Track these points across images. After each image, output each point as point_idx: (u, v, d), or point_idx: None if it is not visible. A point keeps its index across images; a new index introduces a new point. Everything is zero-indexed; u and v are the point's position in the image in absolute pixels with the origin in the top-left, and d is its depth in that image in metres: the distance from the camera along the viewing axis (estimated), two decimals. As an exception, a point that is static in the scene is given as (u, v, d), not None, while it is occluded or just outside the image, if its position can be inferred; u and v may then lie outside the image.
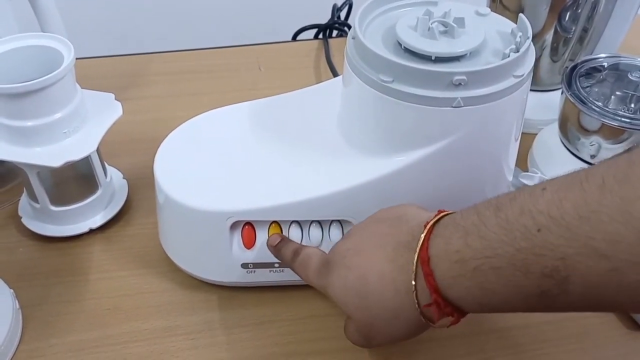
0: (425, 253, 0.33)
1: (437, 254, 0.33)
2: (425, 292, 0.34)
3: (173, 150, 0.49)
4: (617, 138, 0.52)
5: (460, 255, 0.32)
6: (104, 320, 0.47)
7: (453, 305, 0.33)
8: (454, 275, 0.32)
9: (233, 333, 0.47)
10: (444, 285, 0.33)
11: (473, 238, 0.32)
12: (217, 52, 0.78)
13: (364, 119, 0.44)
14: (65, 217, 0.53)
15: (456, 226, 0.33)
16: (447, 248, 0.33)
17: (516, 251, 0.30)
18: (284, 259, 0.43)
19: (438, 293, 0.33)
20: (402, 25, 0.42)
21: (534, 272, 0.29)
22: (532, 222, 0.29)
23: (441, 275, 0.33)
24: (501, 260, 0.30)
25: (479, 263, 0.31)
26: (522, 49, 0.40)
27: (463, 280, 0.32)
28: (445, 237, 0.33)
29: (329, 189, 0.44)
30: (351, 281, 0.37)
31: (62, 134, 0.48)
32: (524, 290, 0.30)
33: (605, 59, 0.57)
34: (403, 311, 0.35)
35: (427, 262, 0.33)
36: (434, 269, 0.33)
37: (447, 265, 0.33)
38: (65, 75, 0.46)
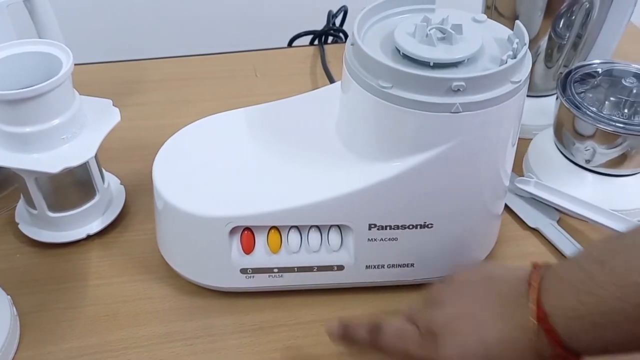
0: (541, 310, 0.34)
1: (554, 312, 0.34)
2: (547, 346, 0.34)
3: (171, 156, 0.49)
4: (611, 143, 0.53)
5: (577, 312, 0.32)
6: (102, 327, 0.47)
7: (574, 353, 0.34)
8: (574, 330, 0.33)
9: (232, 339, 0.47)
10: (566, 339, 0.33)
11: (585, 296, 0.32)
12: (214, 59, 0.78)
13: (362, 125, 0.44)
14: (62, 223, 0.53)
15: (562, 282, 0.34)
16: (562, 306, 0.33)
17: (630, 306, 0.31)
18: (361, 342, 0.42)
19: (562, 347, 0.34)
20: (401, 32, 0.43)
21: None
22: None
23: (562, 331, 0.33)
24: (618, 315, 0.31)
25: (596, 318, 0.32)
26: (519, 55, 0.40)
27: (583, 334, 0.33)
28: (555, 294, 0.34)
29: (328, 195, 0.44)
30: (471, 346, 0.37)
31: (60, 140, 0.48)
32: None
33: (599, 64, 0.58)
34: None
35: (545, 320, 0.34)
36: (554, 325, 0.33)
37: (566, 322, 0.33)
38: (64, 81, 0.46)
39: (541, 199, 0.56)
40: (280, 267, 0.47)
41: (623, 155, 0.53)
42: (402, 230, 0.45)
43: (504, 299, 0.36)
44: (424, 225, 0.45)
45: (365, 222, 0.45)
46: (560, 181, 0.57)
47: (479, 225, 0.48)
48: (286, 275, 0.47)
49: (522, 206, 0.57)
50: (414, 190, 0.43)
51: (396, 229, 0.45)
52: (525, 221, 0.56)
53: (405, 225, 0.45)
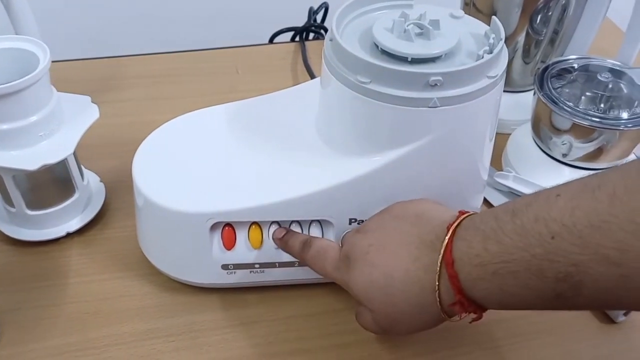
0: (450, 255, 0.35)
1: (460, 257, 0.35)
2: (449, 292, 0.35)
3: (151, 153, 0.49)
4: (587, 137, 0.54)
5: (480, 259, 0.33)
6: (83, 324, 0.47)
7: (475, 303, 0.35)
8: (475, 277, 0.34)
9: (215, 334, 0.47)
10: (467, 286, 0.34)
11: (491, 243, 0.33)
12: (195, 55, 0.78)
13: (341, 120, 0.44)
14: (41, 221, 0.52)
15: (476, 230, 0.35)
16: (469, 251, 0.34)
17: (531, 257, 0.31)
18: (292, 251, 0.44)
19: (462, 294, 0.35)
20: (379, 28, 0.43)
21: (549, 276, 0.31)
22: (546, 229, 0.31)
23: (464, 278, 0.34)
24: (518, 264, 0.32)
25: (497, 267, 0.33)
26: (496, 50, 0.41)
27: (483, 282, 0.34)
28: (467, 240, 0.35)
29: (308, 190, 0.44)
30: (376, 278, 0.38)
31: (38, 137, 0.47)
32: (540, 293, 0.32)
33: (576, 60, 0.59)
34: (427, 306, 0.37)
35: (451, 265, 0.35)
36: (458, 271, 0.34)
37: (469, 269, 0.34)
38: (41, 77, 0.46)
39: (520, 192, 0.57)
40: (262, 263, 0.47)
41: (599, 149, 0.54)
42: (382, 224, 0.45)
43: (421, 239, 0.37)
44: (404, 219, 0.45)
45: (346, 216, 0.45)
46: (538, 175, 0.57)
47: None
48: (267, 270, 0.47)
49: (501, 200, 0.58)
50: (393, 185, 0.44)
51: (376, 223, 0.45)
52: (504, 215, 0.56)
53: (385, 219, 0.45)
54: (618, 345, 0.46)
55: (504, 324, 0.47)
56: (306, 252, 0.43)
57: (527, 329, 0.47)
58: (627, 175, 0.30)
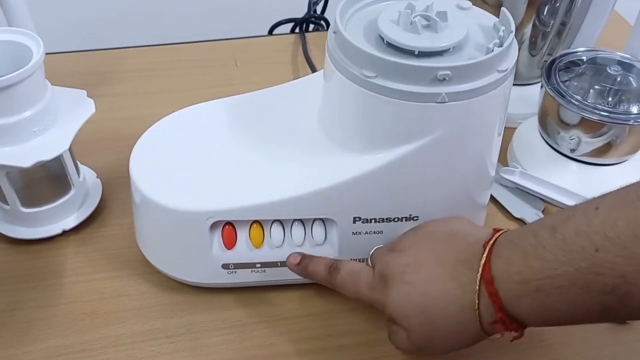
0: (488, 273, 0.35)
1: (499, 275, 0.34)
2: (489, 310, 0.35)
3: (149, 149, 0.48)
4: (596, 132, 0.53)
5: (522, 276, 0.33)
6: (80, 325, 0.46)
7: (517, 322, 0.35)
8: (518, 294, 0.34)
9: (215, 335, 0.46)
10: (509, 304, 0.34)
11: (533, 260, 0.33)
12: (192, 47, 0.77)
13: (346, 116, 0.43)
14: (36, 219, 0.51)
15: (514, 247, 0.34)
16: (509, 269, 0.34)
17: (576, 271, 0.31)
18: (317, 277, 0.44)
19: (504, 312, 0.34)
20: (384, 19, 0.41)
21: (595, 290, 0.31)
22: (589, 242, 0.31)
23: (505, 295, 0.34)
24: (562, 280, 0.32)
25: (540, 283, 0.32)
26: (506, 43, 0.40)
27: (527, 299, 0.33)
28: (505, 258, 0.34)
29: (311, 188, 0.43)
30: (414, 297, 0.37)
31: (32, 132, 0.46)
32: (586, 307, 0.32)
33: (584, 52, 0.58)
34: (466, 327, 0.36)
35: (491, 283, 0.34)
36: (499, 289, 0.34)
37: (510, 286, 0.34)
38: (35, 71, 0.45)
39: (526, 188, 0.56)
40: (263, 262, 0.46)
41: (608, 144, 0.53)
42: (387, 223, 0.44)
43: (458, 258, 0.37)
44: (410, 217, 0.44)
45: (350, 215, 0.44)
46: (545, 171, 0.56)
47: (465, 216, 0.48)
48: (269, 270, 0.46)
49: (507, 196, 0.56)
50: (398, 182, 0.42)
51: (381, 222, 0.44)
52: (510, 211, 0.55)
53: (390, 217, 0.44)
54: (628, 345, 0.45)
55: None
56: (335, 276, 0.42)
57: (535, 330, 0.46)
58: None
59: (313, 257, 0.44)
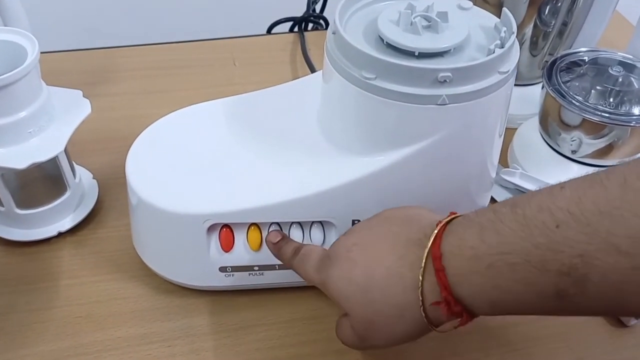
0: (438, 250, 0.33)
1: (450, 250, 0.32)
2: (434, 290, 0.33)
3: (145, 150, 0.47)
4: (598, 133, 0.52)
5: (475, 251, 0.31)
6: (76, 329, 0.45)
7: (463, 304, 0.33)
8: (467, 272, 0.32)
9: (212, 339, 0.45)
10: (456, 282, 0.32)
11: (489, 234, 0.31)
12: (190, 46, 0.76)
13: (345, 117, 0.42)
14: (32, 220, 0.50)
15: (470, 222, 0.33)
16: (461, 244, 0.32)
17: (533, 247, 0.29)
18: (283, 258, 0.42)
19: (448, 290, 0.32)
20: (384, 20, 0.41)
21: (551, 269, 0.29)
22: (550, 218, 0.29)
23: (453, 272, 0.32)
24: (517, 256, 0.30)
25: (493, 259, 0.31)
26: (507, 44, 0.39)
27: (476, 277, 0.31)
28: (459, 233, 0.33)
29: (309, 190, 0.42)
30: (356, 275, 0.36)
31: (27, 133, 0.46)
32: (539, 289, 0.30)
33: (585, 53, 0.57)
34: (408, 309, 0.34)
35: (439, 259, 0.32)
36: (446, 266, 0.32)
37: (460, 262, 0.32)
38: (30, 71, 0.44)
39: (527, 190, 0.55)
40: (261, 265, 0.45)
41: (609, 145, 0.53)
42: (386, 225, 0.44)
43: (409, 237, 0.35)
44: (409, 220, 0.44)
45: (348, 218, 0.43)
46: (545, 172, 0.56)
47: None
48: (267, 273, 0.46)
49: (507, 198, 0.56)
50: (398, 185, 0.42)
51: (380, 225, 0.44)
52: (511, 213, 0.55)
53: (389, 220, 0.44)
54: (630, 350, 0.45)
55: (512, 329, 0.46)
56: (294, 258, 0.41)
57: (537, 334, 0.46)
58: (638, 164, 0.28)
59: (289, 240, 0.43)
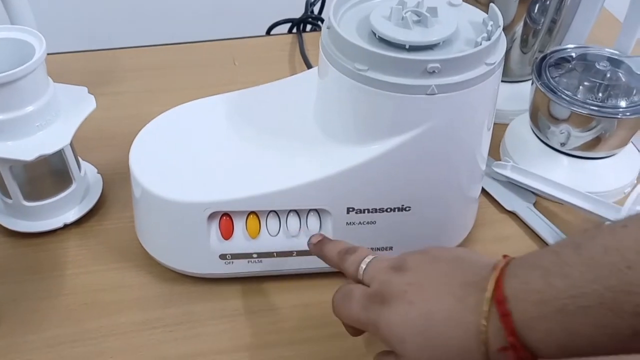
0: (501, 293, 0.31)
1: (514, 295, 0.31)
2: (498, 334, 0.31)
3: (149, 143, 0.49)
4: (586, 126, 0.54)
5: (542, 295, 0.30)
6: (81, 315, 0.47)
7: (529, 349, 0.31)
8: (534, 316, 0.30)
9: (213, 325, 0.47)
10: (522, 327, 0.31)
11: (555, 278, 0.30)
12: (192, 47, 0.78)
13: (339, 108, 0.44)
14: (39, 212, 0.52)
15: (532, 266, 0.32)
16: (526, 288, 0.31)
17: (605, 290, 0.28)
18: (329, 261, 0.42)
19: (515, 336, 0.31)
20: (377, 15, 0.43)
21: (627, 310, 0.28)
22: (620, 258, 0.28)
23: (520, 317, 0.31)
24: (589, 299, 0.29)
25: (563, 303, 0.29)
26: (494, 37, 0.41)
27: (544, 322, 0.30)
28: (522, 276, 0.32)
29: (305, 179, 0.44)
30: (414, 318, 0.34)
31: (34, 127, 0.47)
32: (614, 332, 0.29)
33: (574, 49, 0.59)
34: (469, 355, 0.33)
35: (503, 303, 0.31)
36: (512, 311, 0.31)
37: (526, 307, 0.31)
38: (37, 67, 0.46)
39: (518, 182, 0.57)
40: (260, 253, 0.47)
41: (597, 138, 0.54)
42: (380, 213, 0.45)
43: (466, 280, 0.34)
44: (402, 208, 0.45)
45: (344, 205, 0.45)
46: (536, 164, 0.57)
47: (457, 208, 0.49)
48: (265, 260, 0.47)
49: (499, 190, 0.58)
50: (391, 173, 0.44)
51: (374, 213, 0.45)
52: (502, 204, 0.56)
53: (383, 208, 0.45)
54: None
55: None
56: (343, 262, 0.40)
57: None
58: None
59: (330, 241, 0.43)
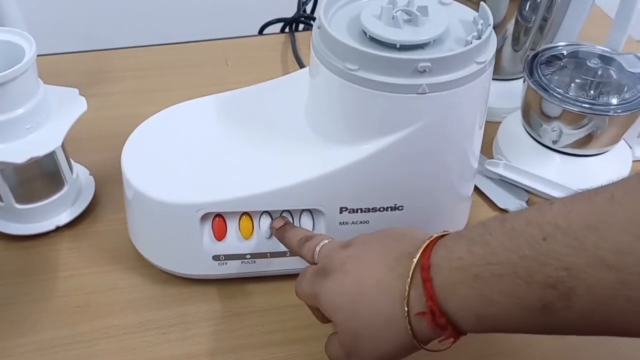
0: (427, 261, 0.33)
1: (439, 262, 0.33)
2: (420, 301, 0.33)
3: (141, 144, 0.49)
4: (577, 123, 0.54)
5: (462, 262, 0.32)
6: (73, 318, 0.47)
7: (448, 318, 0.33)
8: (454, 282, 0.32)
9: (206, 326, 0.47)
10: (442, 293, 0.32)
11: (477, 245, 0.32)
12: (183, 47, 0.78)
13: (331, 108, 0.44)
14: (30, 215, 0.52)
15: (460, 236, 0.33)
16: (450, 255, 0.33)
17: (520, 259, 0.30)
18: (290, 246, 0.43)
19: (434, 300, 0.32)
20: (367, 15, 0.43)
21: (537, 281, 0.29)
22: (538, 231, 0.29)
23: (440, 284, 0.32)
24: (503, 267, 0.30)
25: (480, 270, 0.31)
26: (484, 36, 0.41)
27: (462, 287, 0.32)
28: (449, 246, 0.33)
29: (298, 179, 0.44)
30: (346, 286, 0.36)
31: (25, 129, 0.47)
32: (525, 302, 0.30)
33: (565, 47, 0.59)
34: (394, 321, 0.34)
35: (427, 269, 0.33)
36: (433, 276, 0.33)
37: (447, 272, 0.32)
38: (27, 69, 0.45)
39: (510, 180, 0.57)
40: (253, 253, 0.47)
41: (589, 135, 0.54)
42: (373, 212, 0.45)
43: (401, 251, 0.35)
44: (395, 207, 0.45)
45: (336, 205, 0.45)
46: (528, 162, 0.57)
47: (449, 206, 0.49)
48: (259, 261, 0.47)
49: (491, 188, 0.58)
50: (383, 173, 0.44)
51: (367, 212, 0.45)
52: (495, 202, 0.56)
53: (376, 207, 0.45)
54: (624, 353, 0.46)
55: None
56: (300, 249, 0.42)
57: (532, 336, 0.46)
58: (626, 182, 0.29)
59: (293, 227, 0.44)
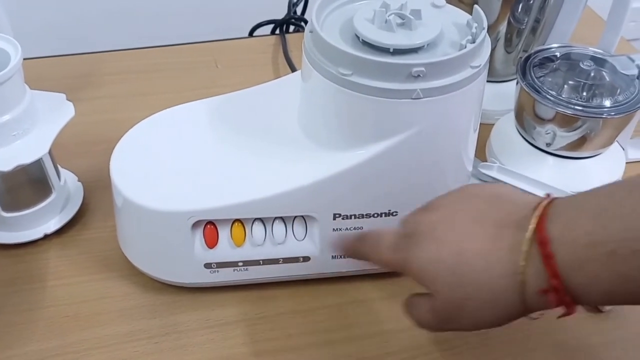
0: (544, 234, 0.30)
1: (559, 237, 0.30)
2: (538, 277, 0.31)
3: (129, 151, 0.48)
4: (571, 126, 0.54)
5: (592, 237, 0.29)
6: (63, 328, 0.46)
7: (572, 294, 0.30)
8: (581, 259, 0.29)
9: (199, 335, 0.46)
10: (567, 270, 0.30)
11: (608, 220, 0.29)
12: (173, 50, 0.77)
13: (323, 113, 0.44)
14: (18, 223, 0.51)
15: (580, 207, 0.31)
16: (573, 231, 0.30)
17: None
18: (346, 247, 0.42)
19: (559, 279, 0.30)
20: (360, 18, 0.42)
21: None
22: None
23: (565, 259, 0.30)
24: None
25: (616, 246, 0.28)
26: (478, 39, 0.40)
27: (593, 264, 0.29)
28: (568, 217, 0.31)
29: (290, 185, 0.43)
30: (444, 256, 0.33)
31: (11, 136, 0.46)
32: None
33: (557, 48, 0.59)
34: (503, 296, 0.32)
35: (546, 244, 0.30)
36: (556, 252, 0.30)
37: (573, 249, 0.30)
38: (13, 75, 0.45)
39: (504, 183, 0.57)
40: (245, 261, 0.46)
41: (582, 137, 0.54)
42: (366, 219, 0.45)
43: (504, 219, 0.33)
44: (389, 213, 0.45)
45: (330, 212, 0.44)
46: (522, 165, 0.57)
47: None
48: (251, 268, 0.47)
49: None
50: (377, 178, 0.43)
51: (361, 218, 0.45)
52: (489, 206, 0.56)
53: (369, 214, 0.45)
54: (606, 335, 0.46)
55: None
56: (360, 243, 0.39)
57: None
58: None
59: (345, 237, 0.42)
